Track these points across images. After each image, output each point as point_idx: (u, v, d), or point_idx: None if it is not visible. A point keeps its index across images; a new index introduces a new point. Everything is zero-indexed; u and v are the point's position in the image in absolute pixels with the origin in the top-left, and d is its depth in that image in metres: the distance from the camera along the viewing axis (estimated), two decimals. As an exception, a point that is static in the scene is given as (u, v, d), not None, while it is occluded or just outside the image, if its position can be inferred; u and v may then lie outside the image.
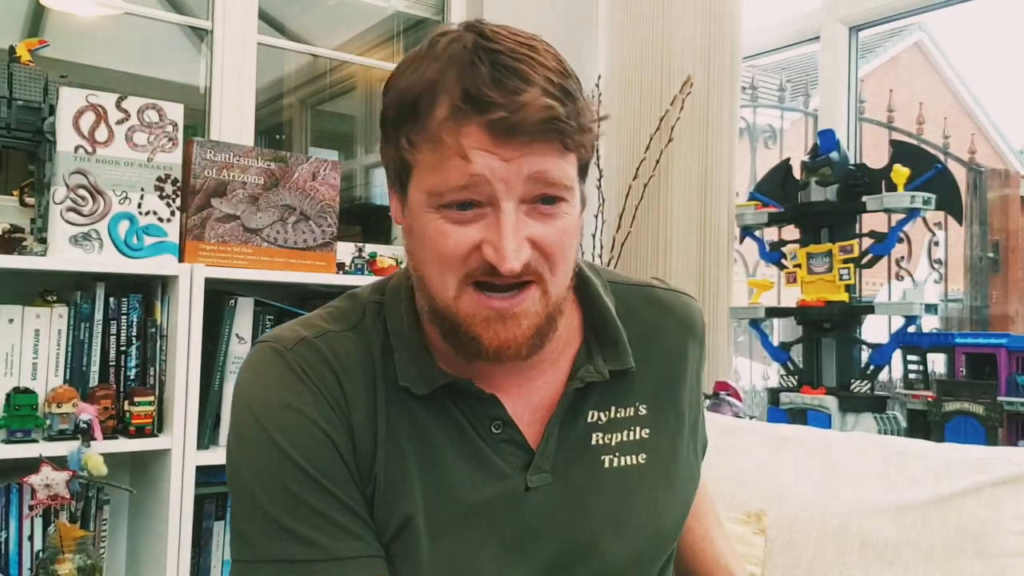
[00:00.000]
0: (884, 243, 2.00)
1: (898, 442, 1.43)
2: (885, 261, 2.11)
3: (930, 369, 1.96)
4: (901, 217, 1.98)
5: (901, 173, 1.93)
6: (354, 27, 2.71)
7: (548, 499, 0.81)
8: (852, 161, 2.15)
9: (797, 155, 2.24)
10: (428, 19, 2.67)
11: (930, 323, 2.74)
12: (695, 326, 0.94)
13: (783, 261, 2.20)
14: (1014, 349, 1.74)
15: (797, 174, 2.17)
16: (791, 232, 2.25)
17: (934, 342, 1.93)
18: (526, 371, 0.83)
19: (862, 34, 2.32)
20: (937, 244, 2.49)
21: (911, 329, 1.96)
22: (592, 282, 0.88)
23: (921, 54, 8.07)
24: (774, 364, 2.35)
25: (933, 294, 2.33)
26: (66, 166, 1.62)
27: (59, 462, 1.48)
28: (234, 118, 2.16)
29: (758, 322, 2.23)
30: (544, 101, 0.71)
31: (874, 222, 2.11)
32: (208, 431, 1.74)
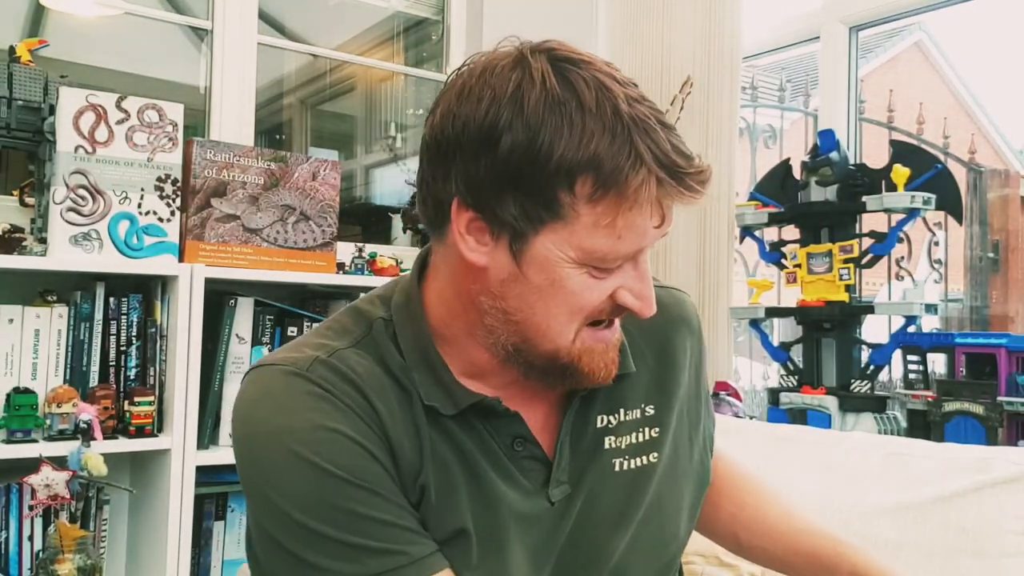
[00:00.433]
0: (884, 243, 2.00)
1: (898, 442, 1.43)
2: (885, 261, 2.11)
3: (930, 369, 1.96)
4: (901, 217, 1.98)
5: (901, 173, 1.93)
6: (354, 27, 2.71)
7: (566, 508, 0.81)
8: (852, 161, 2.15)
9: (797, 155, 2.24)
10: (428, 19, 2.67)
11: (930, 323, 2.74)
12: (690, 321, 0.94)
13: (783, 261, 2.20)
14: (1014, 349, 1.74)
15: (797, 174, 2.17)
16: (791, 232, 2.25)
17: (934, 342, 1.93)
18: (533, 384, 0.82)
19: (862, 34, 2.32)
20: (937, 244, 2.49)
21: (911, 329, 1.96)
22: None
23: (921, 54, 8.08)
24: (774, 364, 2.35)
25: (933, 294, 2.33)
26: (66, 166, 1.62)
27: (59, 462, 1.48)
28: (234, 118, 2.16)
29: (758, 322, 2.23)
30: (706, 165, 0.72)
31: (874, 222, 2.11)
32: (208, 431, 1.74)
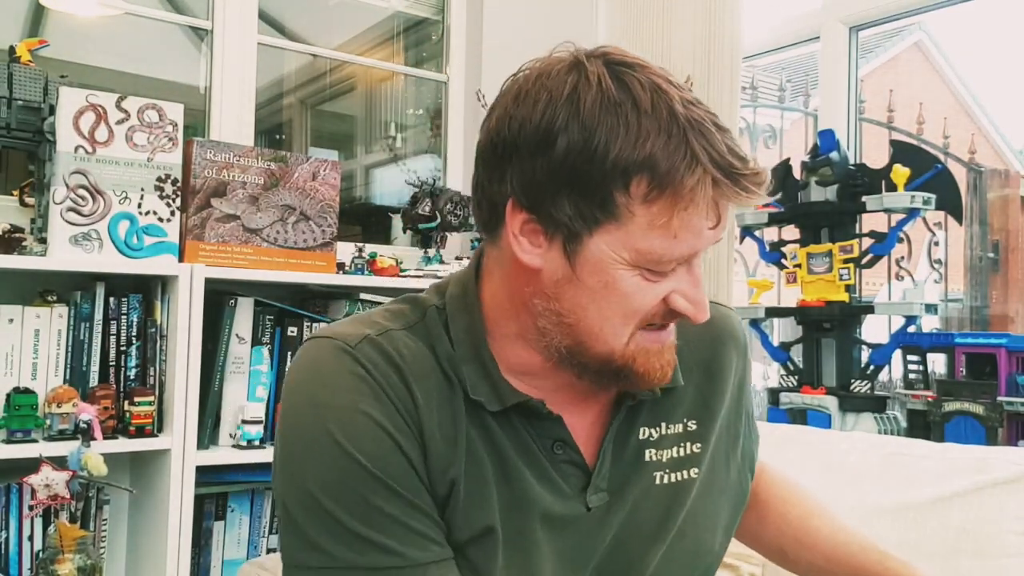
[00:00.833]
0: (884, 243, 2.00)
1: (898, 442, 1.43)
2: (885, 261, 2.11)
3: (930, 369, 1.96)
4: (901, 217, 1.98)
5: (901, 173, 1.93)
6: (354, 27, 2.71)
7: (604, 517, 0.81)
8: (852, 161, 2.15)
9: (797, 155, 2.24)
10: (428, 19, 2.67)
11: (930, 323, 2.74)
12: (737, 337, 0.93)
13: (783, 261, 2.20)
14: (1014, 349, 1.74)
15: (797, 174, 2.17)
16: (791, 232, 2.25)
17: (934, 342, 1.93)
18: (580, 388, 0.81)
19: (862, 34, 2.31)
20: (937, 244, 2.49)
21: (911, 329, 1.96)
22: None
23: (921, 54, 8.08)
24: (774, 364, 2.35)
25: (933, 294, 2.33)
26: (66, 166, 1.62)
27: (59, 462, 1.48)
28: (234, 118, 2.16)
29: (758, 322, 2.22)
30: (763, 168, 0.71)
31: (874, 222, 2.11)
32: (208, 431, 1.74)
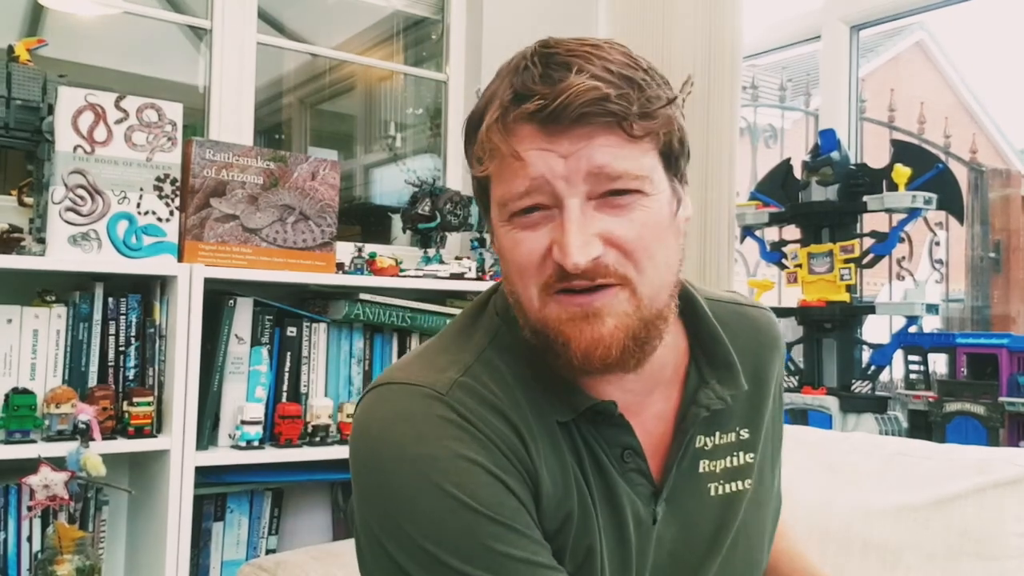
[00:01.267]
0: (885, 243, 2.00)
1: (899, 443, 1.43)
2: (886, 261, 2.11)
3: (931, 369, 1.95)
4: (902, 217, 1.98)
5: (902, 173, 1.93)
6: (354, 26, 2.71)
7: (664, 530, 0.79)
8: (853, 161, 2.15)
9: (798, 155, 2.24)
10: (428, 18, 2.67)
11: (931, 323, 2.73)
12: (779, 342, 0.92)
13: (784, 261, 2.19)
14: (1015, 349, 1.73)
15: (798, 174, 2.16)
16: (792, 232, 2.24)
17: (935, 342, 1.93)
18: (643, 396, 0.80)
19: (863, 33, 2.31)
20: (938, 244, 2.48)
21: (912, 329, 1.96)
22: (697, 300, 0.84)
23: (922, 53, 8.06)
24: (775, 364, 2.34)
25: (934, 294, 2.33)
26: (65, 166, 1.61)
27: (58, 463, 1.48)
28: (233, 118, 2.15)
29: (759, 322, 2.22)
30: (589, 83, 0.68)
31: (875, 222, 2.10)
32: (207, 431, 1.74)
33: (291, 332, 1.87)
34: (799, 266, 2.13)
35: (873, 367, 2.01)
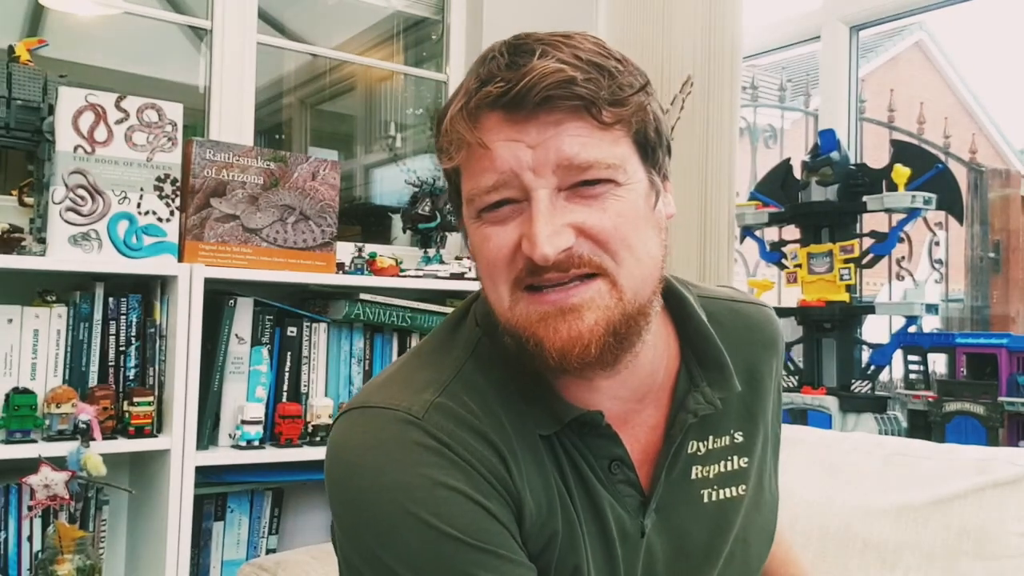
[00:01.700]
0: (885, 243, 2.00)
1: (899, 443, 1.43)
2: (886, 261, 2.11)
3: (931, 369, 1.95)
4: (902, 217, 1.98)
5: (902, 173, 1.93)
6: (354, 27, 2.71)
7: (656, 540, 0.76)
8: (853, 161, 2.15)
9: (798, 155, 2.24)
10: (428, 19, 2.67)
11: (931, 323, 2.73)
12: (777, 340, 0.88)
13: (783, 261, 2.19)
14: (1015, 349, 1.73)
15: (797, 174, 2.17)
16: (791, 232, 2.24)
17: (935, 342, 1.93)
18: (633, 403, 0.77)
19: (862, 34, 2.31)
20: (938, 244, 2.48)
21: (912, 329, 1.96)
22: (686, 299, 0.81)
23: (922, 53, 8.07)
24: (774, 364, 2.34)
25: (934, 294, 2.33)
26: (65, 166, 1.61)
27: (58, 462, 1.48)
28: (234, 118, 2.15)
29: (758, 322, 2.22)
30: (554, 65, 0.65)
31: (875, 222, 2.10)
32: (207, 431, 1.74)
33: (291, 332, 1.87)
34: (799, 266, 2.13)
35: (873, 367, 2.01)
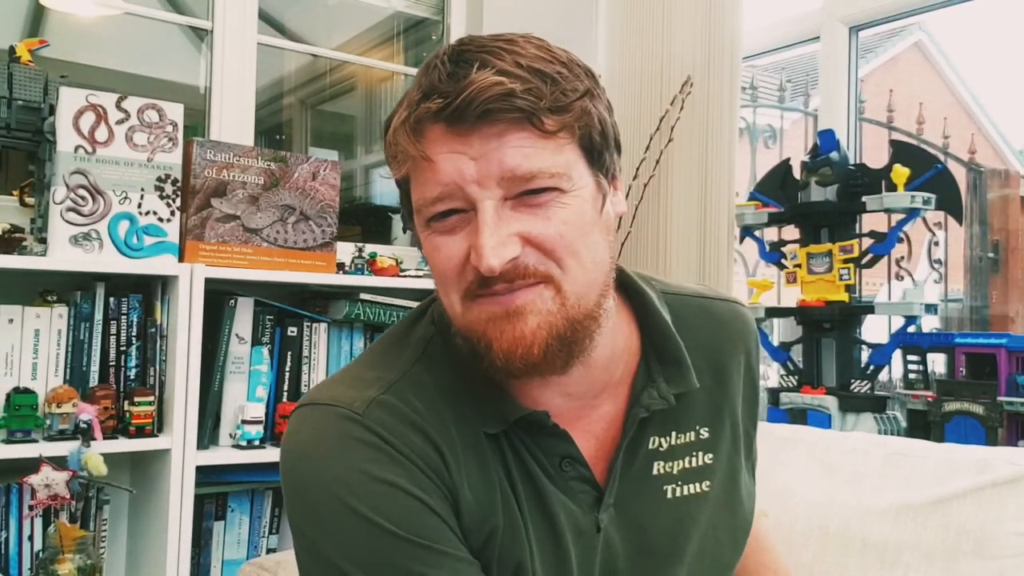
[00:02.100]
0: (884, 243, 2.00)
1: (898, 442, 1.43)
2: (885, 261, 2.11)
3: (930, 369, 1.96)
4: (901, 217, 1.98)
5: (901, 173, 1.93)
6: (354, 27, 2.71)
7: (614, 535, 0.76)
8: (852, 161, 2.15)
9: (797, 155, 2.24)
10: (428, 19, 2.67)
11: (930, 323, 2.74)
12: (749, 337, 0.88)
13: (783, 261, 2.20)
14: (1014, 349, 1.74)
15: (797, 174, 2.17)
16: (791, 232, 2.25)
17: (934, 342, 1.93)
18: (589, 399, 0.78)
19: (862, 34, 2.31)
20: (937, 244, 2.49)
21: (911, 329, 1.96)
22: (648, 295, 0.81)
23: (921, 54, 8.07)
24: (774, 364, 2.35)
25: (933, 294, 2.33)
26: (66, 166, 1.62)
27: (59, 462, 1.48)
28: (234, 118, 2.15)
29: (758, 322, 2.22)
30: (493, 79, 0.65)
31: (874, 222, 2.11)
32: (208, 431, 1.74)
33: (292, 332, 1.87)
34: (798, 266, 2.14)
35: (872, 367, 2.01)
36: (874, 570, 1.25)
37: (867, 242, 2.05)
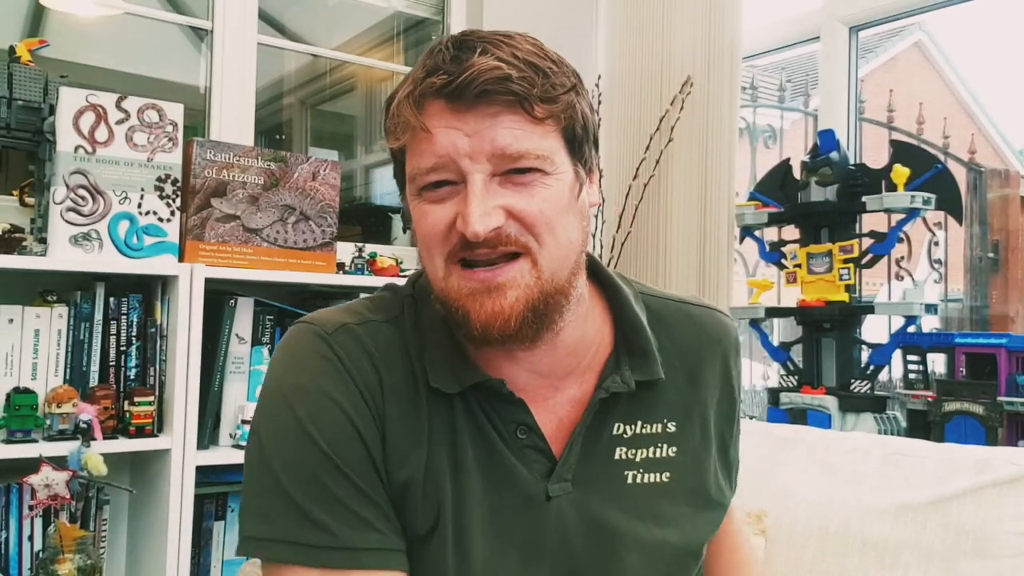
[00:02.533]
0: (884, 243, 2.00)
1: (898, 442, 1.43)
2: (885, 261, 2.11)
3: (930, 369, 1.96)
4: (901, 217, 1.98)
5: (901, 173, 1.93)
6: (354, 27, 2.71)
7: (569, 510, 0.80)
8: (852, 161, 2.15)
9: (797, 155, 2.24)
10: (428, 19, 2.67)
11: (930, 323, 2.74)
12: (729, 345, 0.92)
13: (783, 261, 2.20)
14: (1014, 349, 1.74)
15: (797, 174, 2.17)
16: (791, 232, 2.25)
17: (934, 342, 1.93)
18: (556, 380, 0.83)
19: (862, 34, 2.32)
20: (937, 244, 2.49)
21: (911, 329, 1.96)
22: (622, 290, 0.87)
23: (921, 54, 8.07)
24: (774, 364, 2.35)
25: (933, 294, 2.33)
26: (66, 166, 1.62)
27: (59, 462, 1.48)
28: (234, 118, 2.16)
29: (758, 322, 2.23)
30: (492, 63, 0.72)
31: (874, 222, 2.11)
32: (208, 431, 1.74)
33: (292, 332, 1.87)
34: (798, 266, 2.14)
35: (872, 367, 2.01)
36: (874, 570, 1.25)
37: (867, 242, 2.05)
